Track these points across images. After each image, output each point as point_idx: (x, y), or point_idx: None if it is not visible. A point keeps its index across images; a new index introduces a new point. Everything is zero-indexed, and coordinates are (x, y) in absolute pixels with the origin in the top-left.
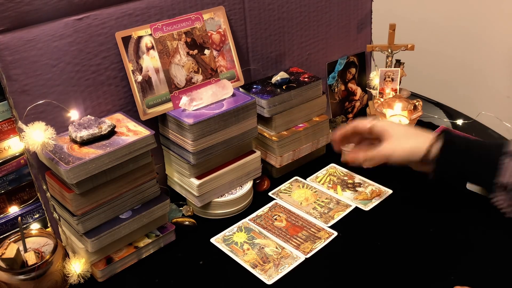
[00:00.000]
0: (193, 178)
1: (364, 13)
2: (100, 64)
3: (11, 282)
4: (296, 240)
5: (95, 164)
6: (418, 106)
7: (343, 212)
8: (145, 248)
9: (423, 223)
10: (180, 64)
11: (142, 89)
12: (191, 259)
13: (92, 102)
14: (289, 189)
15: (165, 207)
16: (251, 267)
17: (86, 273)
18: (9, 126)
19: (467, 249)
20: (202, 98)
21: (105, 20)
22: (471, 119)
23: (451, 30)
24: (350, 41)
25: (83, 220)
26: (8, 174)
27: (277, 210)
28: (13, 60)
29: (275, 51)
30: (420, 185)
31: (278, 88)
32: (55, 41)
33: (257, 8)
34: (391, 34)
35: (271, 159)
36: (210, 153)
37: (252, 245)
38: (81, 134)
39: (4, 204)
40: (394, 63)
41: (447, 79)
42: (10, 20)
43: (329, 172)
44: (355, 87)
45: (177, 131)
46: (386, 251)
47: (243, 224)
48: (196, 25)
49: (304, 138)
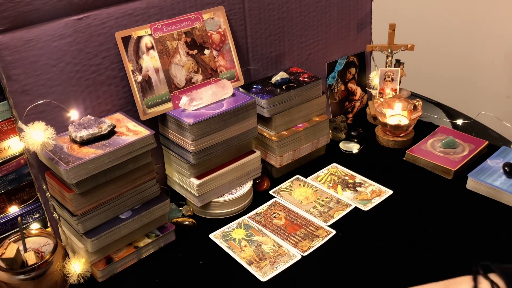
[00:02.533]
0: (193, 178)
1: (364, 13)
2: (100, 64)
3: (11, 282)
4: (294, 238)
5: (95, 164)
6: (418, 106)
7: (343, 212)
8: (145, 248)
9: (423, 223)
10: (180, 64)
11: (142, 89)
12: (191, 259)
13: (92, 102)
14: (290, 188)
15: (165, 207)
16: (247, 263)
17: (86, 273)
18: (9, 126)
19: (467, 249)
20: (202, 98)
21: (105, 20)
22: (471, 119)
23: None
24: (350, 41)
25: (83, 220)
26: (8, 174)
27: (277, 208)
28: (13, 60)
29: (275, 51)
30: (420, 185)
31: (278, 88)
32: (55, 41)
33: (257, 8)
34: (391, 34)
35: (271, 159)
36: (210, 153)
37: (250, 242)
38: (81, 134)
39: (4, 204)
40: (394, 63)
41: (447, 79)
42: (10, 20)
43: (330, 171)
44: (355, 87)
45: (177, 131)
46: (385, 251)
47: (242, 221)
48: (196, 25)
49: (304, 138)
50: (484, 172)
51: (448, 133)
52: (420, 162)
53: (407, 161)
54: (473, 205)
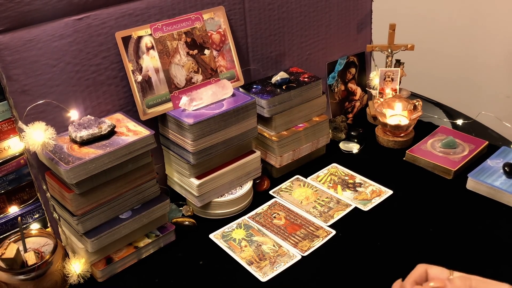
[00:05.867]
0: (193, 178)
1: (364, 13)
2: (100, 64)
3: (11, 282)
4: (294, 238)
5: (95, 164)
6: (418, 106)
7: (343, 212)
8: (145, 248)
9: (422, 223)
10: (180, 64)
11: (142, 89)
12: (191, 259)
13: (92, 102)
14: (290, 188)
15: (165, 207)
16: (247, 264)
17: (86, 273)
18: (9, 126)
19: (467, 249)
20: (202, 98)
21: (105, 20)
22: (471, 119)
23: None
24: (350, 41)
25: (83, 220)
26: (8, 174)
27: (277, 208)
28: (13, 60)
29: (275, 51)
30: (420, 185)
31: (278, 88)
32: (55, 41)
33: (257, 8)
34: (391, 34)
35: (271, 159)
36: (210, 153)
37: (250, 242)
38: (81, 134)
39: (4, 204)
40: (394, 63)
41: (447, 79)
42: (10, 20)
43: (330, 171)
44: (355, 87)
45: (177, 131)
46: (385, 251)
47: (242, 221)
48: (196, 25)
49: (304, 138)
50: (484, 172)
51: (448, 133)
52: (420, 162)
53: (407, 161)
54: (473, 205)
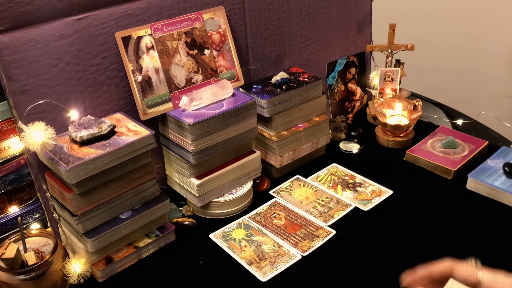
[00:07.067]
0: (193, 178)
1: (364, 13)
2: (100, 64)
3: (11, 282)
4: (294, 238)
5: (95, 164)
6: (418, 106)
7: (343, 212)
8: (145, 248)
9: (423, 223)
10: (180, 64)
11: (142, 89)
12: (191, 259)
13: (92, 102)
14: (290, 188)
15: (165, 207)
16: (247, 264)
17: (86, 273)
18: (9, 126)
19: (467, 249)
20: (202, 98)
21: (105, 20)
22: (471, 119)
23: (451, 30)
24: (350, 41)
25: (83, 220)
26: (8, 174)
27: (277, 208)
28: (13, 60)
29: (275, 51)
30: (420, 185)
31: (278, 88)
32: (55, 41)
33: (257, 8)
34: (391, 34)
35: (271, 159)
36: (210, 153)
37: (250, 242)
38: (81, 134)
39: (4, 204)
40: (394, 63)
41: (447, 79)
42: (10, 20)
43: (330, 171)
44: (355, 87)
45: (177, 131)
46: (385, 251)
47: (242, 221)
48: (196, 25)
49: (304, 138)
50: (484, 172)
51: (448, 133)
52: (420, 162)
53: (407, 161)
54: (473, 205)
